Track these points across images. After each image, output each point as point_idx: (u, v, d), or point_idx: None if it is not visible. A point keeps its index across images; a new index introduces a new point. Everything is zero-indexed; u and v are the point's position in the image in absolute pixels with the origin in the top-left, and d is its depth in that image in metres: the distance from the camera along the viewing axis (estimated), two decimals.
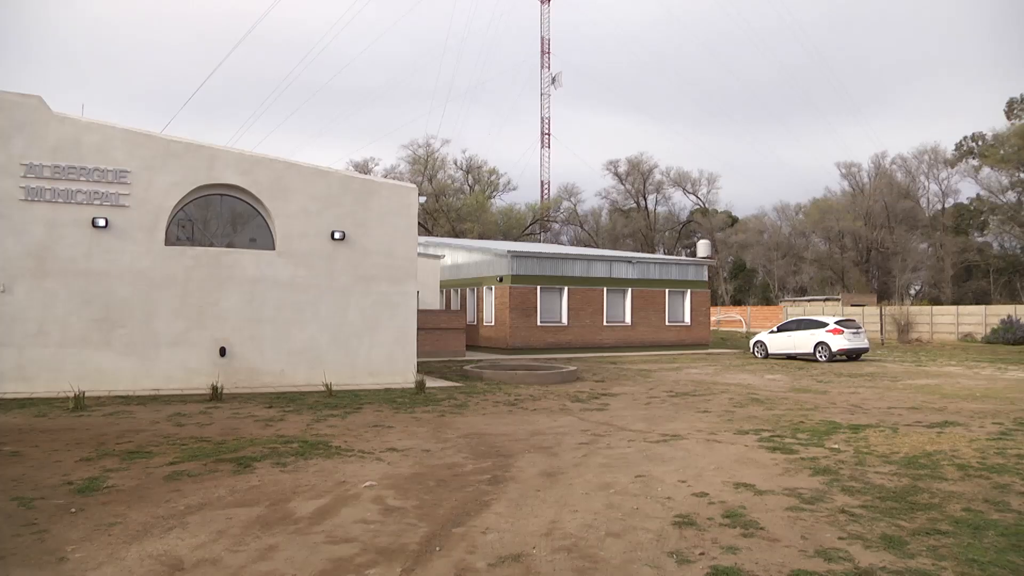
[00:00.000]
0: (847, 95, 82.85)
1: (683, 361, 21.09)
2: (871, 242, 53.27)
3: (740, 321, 40.46)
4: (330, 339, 12.77)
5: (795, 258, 57.06)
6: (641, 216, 62.09)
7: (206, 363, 11.74)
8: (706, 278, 27.53)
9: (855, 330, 20.32)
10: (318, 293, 12.72)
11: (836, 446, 7.68)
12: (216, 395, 10.51)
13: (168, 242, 11.78)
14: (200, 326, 11.81)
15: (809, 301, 41.66)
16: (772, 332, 22.05)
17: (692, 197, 63.97)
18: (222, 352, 11.87)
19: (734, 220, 61.98)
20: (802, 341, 20.85)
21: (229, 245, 12.26)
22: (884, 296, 47.63)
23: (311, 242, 12.68)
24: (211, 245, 12.08)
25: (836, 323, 20.41)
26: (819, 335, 20.45)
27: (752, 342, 22.61)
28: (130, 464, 6.52)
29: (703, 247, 44.71)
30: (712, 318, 38.32)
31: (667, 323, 25.80)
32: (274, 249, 12.46)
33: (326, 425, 8.75)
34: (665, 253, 63.83)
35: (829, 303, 38.86)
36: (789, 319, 23.73)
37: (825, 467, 6.76)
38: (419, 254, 17.52)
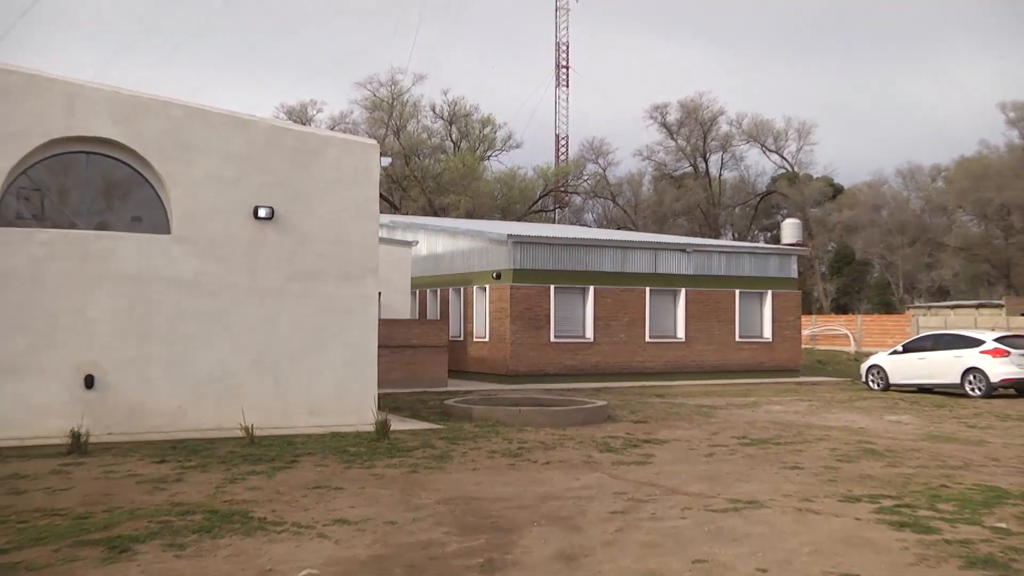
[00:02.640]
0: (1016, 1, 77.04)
1: (761, 393, 21.12)
2: None
3: (846, 336, 40.44)
4: (252, 363, 12.82)
5: (930, 245, 56.16)
6: (700, 185, 62.38)
7: (63, 398, 11.64)
8: (795, 274, 27.57)
9: None
10: (235, 297, 12.77)
11: (1003, 524, 7.45)
12: (79, 446, 10.34)
13: (3, 221, 11.64)
14: (53, 344, 11.67)
15: (953, 308, 41.26)
16: (895, 353, 21.93)
17: (775, 157, 64.26)
18: (88, 382, 11.75)
19: (837, 190, 62.03)
20: (942, 366, 20.29)
21: (100, 226, 12.23)
22: None
23: (225, 223, 12.72)
24: (73, 226, 12.04)
25: (997, 340, 19.68)
26: (970, 358, 19.80)
27: (865, 367, 22.65)
28: None
29: (791, 229, 44.74)
30: (804, 331, 38.35)
31: (737, 338, 25.88)
32: (169, 233, 12.49)
33: (245, 487, 8.74)
34: (735, 238, 64.03)
35: (985, 311, 38.42)
36: (922, 334, 23.53)
37: (986, 556, 6.44)
38: (381, 240, 17.48)
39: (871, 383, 22.14)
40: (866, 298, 58.71)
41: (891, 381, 21.60)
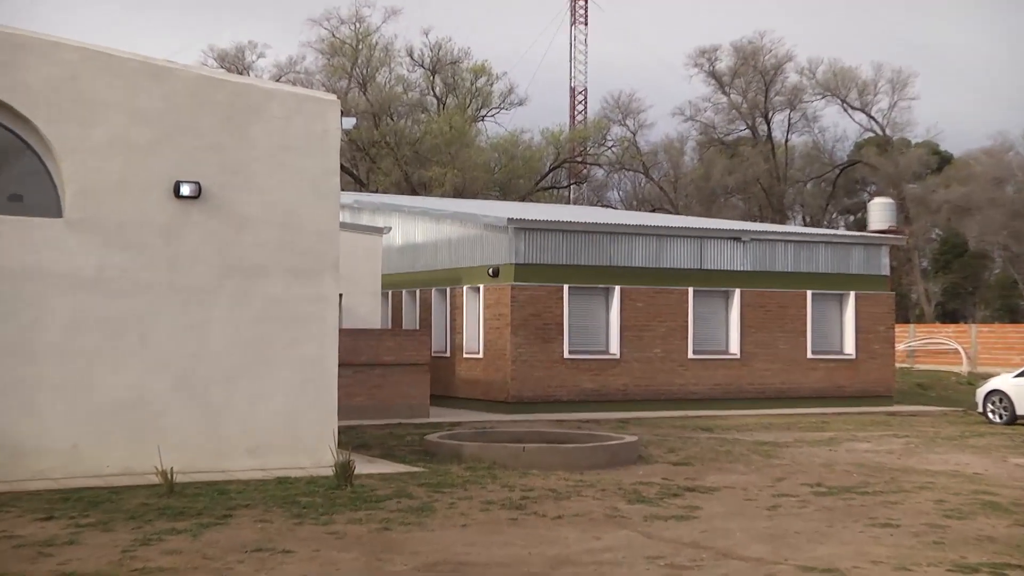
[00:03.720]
0: None
1: (841, 426, 21.09)
2: None
3: (956, 352, 40.29)
4: (173, 386, 12.83)
5: None
6: (760, 154, 62.49)
7: None
8: (887, 270, 27.60)
9: None
10: (151, 300, 12.78)
11: None
12: None
13: None
14: None
15: None
16: (1023, 375, 22.19)
17: (860, 117, 64.28)
18: None
19: (943, 160, 61.93)
20: None
21: None
22: None
23: (136, 203, 12.74)
24: None
25: None
26: None
27: (982, 393, 22.74)
28: None
29: (881, 211, 44.76)
30: (899, 346, 38.27)
31: (810, 354, 25.92)
32: (61, 216, 12.50)
33: (161, 550, 8.74)
34: (807, 223, 64.09)
35: None
36: None
37: None
38: (344, 225, 17.44)
39: (990, 414, 22.18)
40: (983, 302, 58.52)
41: (1018, 412, 21.67)
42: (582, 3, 64.90)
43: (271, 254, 13.35)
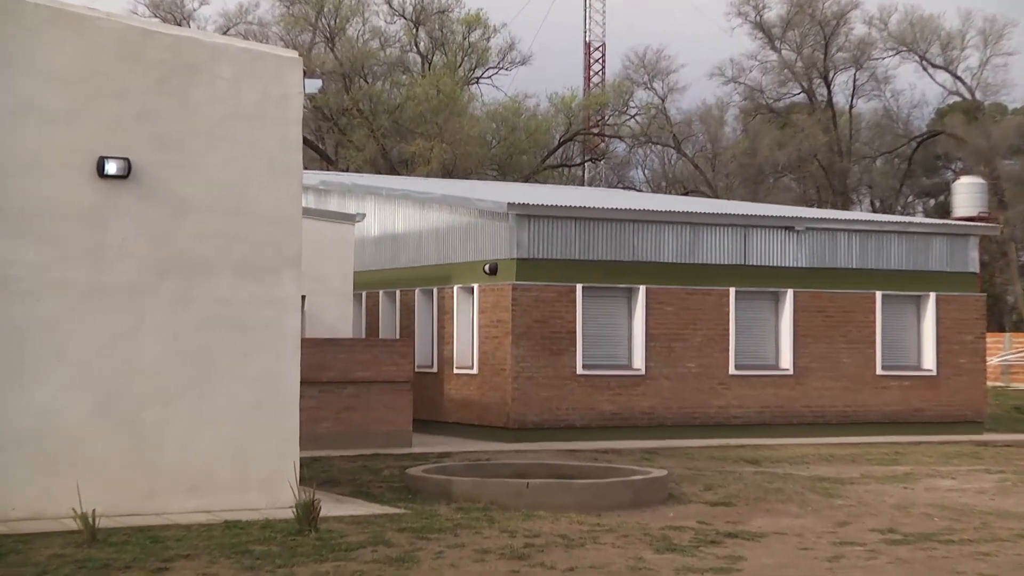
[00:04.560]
0: None
1: (919, 459, 21.07)
2: None
3: None
4: (96, 408, 12.83)
5: None
6: (818, 124, 62.34)
7: None
8: (976, 266, 27.62)
9: None
10: (68, 303, 12.78)
11: None
12: None
13: None
14: None
15: None
16: None
17: (942, 77, 64.26)
18: None
19: None
20: None
21: None
22: None
23: (50, 184, 12.74)
24: None
25: None
26: None
27: None
28: None
29: (969, 194, 44.72)
30: (991, 359, 38.29)
31: (879, 370, 25.97)
32: None
33: None
34: (876, 208, 64.06)
35: None
36: None
37: None
38: (308, 212, 17.39)
39: None
40: None
41: None
42: None
43: (217, 247, 13.35)
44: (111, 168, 12.83)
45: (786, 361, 25.15)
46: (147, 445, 12.99)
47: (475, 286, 24.00)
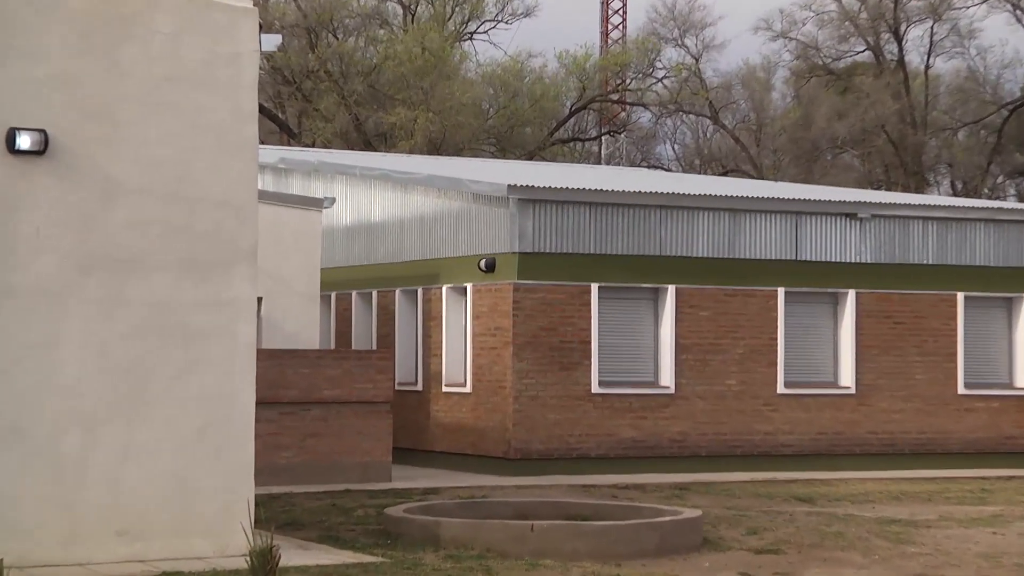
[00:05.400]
0: None
1: (1012, 496, 21.05)
2: None
3: None
4: (1, 435, 12.75)
5: None
6: (886, 88, 61.93)
7: None
8: None
9: None
10: None
11: None
12: None
13: None
14: None
15: None
16: None
17: None
18: None
19: None
20: None
21: None
22: None
23: None
24: None
25: None
26: None
27: None
28: None
29: None
30: None
31: (962, 388, 25.96)
32: None
33: None
34: (957, 192, 63.79)
35: None
36: None
37: None
38: (263, 195, 17.30)
39: None
40: None
41: None
42: None
43: (154, 239, 13.32)
44: (24, 142, 12.78)
45: (846, 377, 25.17)
46: (66, 480, 12.90)
47: (468, 286, 24.01)
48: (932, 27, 63.90)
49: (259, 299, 16.55)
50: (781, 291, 24.68)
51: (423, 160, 37.12)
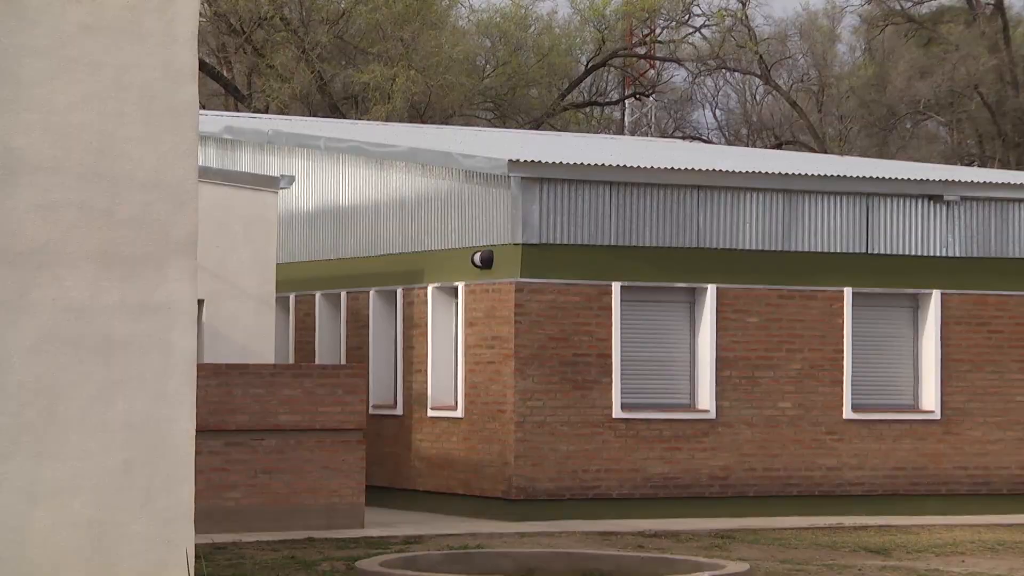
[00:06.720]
0: None
1: None
2: None
3: None
4: None
5: None
6: (980, 40, 62.13)
7: None
8: None
9: None
10: None
11: None
12: None
13: None
14: None
15: None
16: None
17: None
18: None
19: None
20: None
21: None
22: None
23: None
24: None
25: None
26: None
27: None
28: None
29: None
30: None
31: None
32: None
33: None
34: None
35: None
36: None
37: None
38: (205, 173, 17.30)
39: None
40: None
41: None
42: None
43: (67, 227, 13.35)
44: None
45: (930, 399, 25.23)
46: None
47: (459, 285, 24.08)
48: None
49: (200, 302, 16.57)
50: (848, 292, 24.74)
51: (403, 129, 37.25)
